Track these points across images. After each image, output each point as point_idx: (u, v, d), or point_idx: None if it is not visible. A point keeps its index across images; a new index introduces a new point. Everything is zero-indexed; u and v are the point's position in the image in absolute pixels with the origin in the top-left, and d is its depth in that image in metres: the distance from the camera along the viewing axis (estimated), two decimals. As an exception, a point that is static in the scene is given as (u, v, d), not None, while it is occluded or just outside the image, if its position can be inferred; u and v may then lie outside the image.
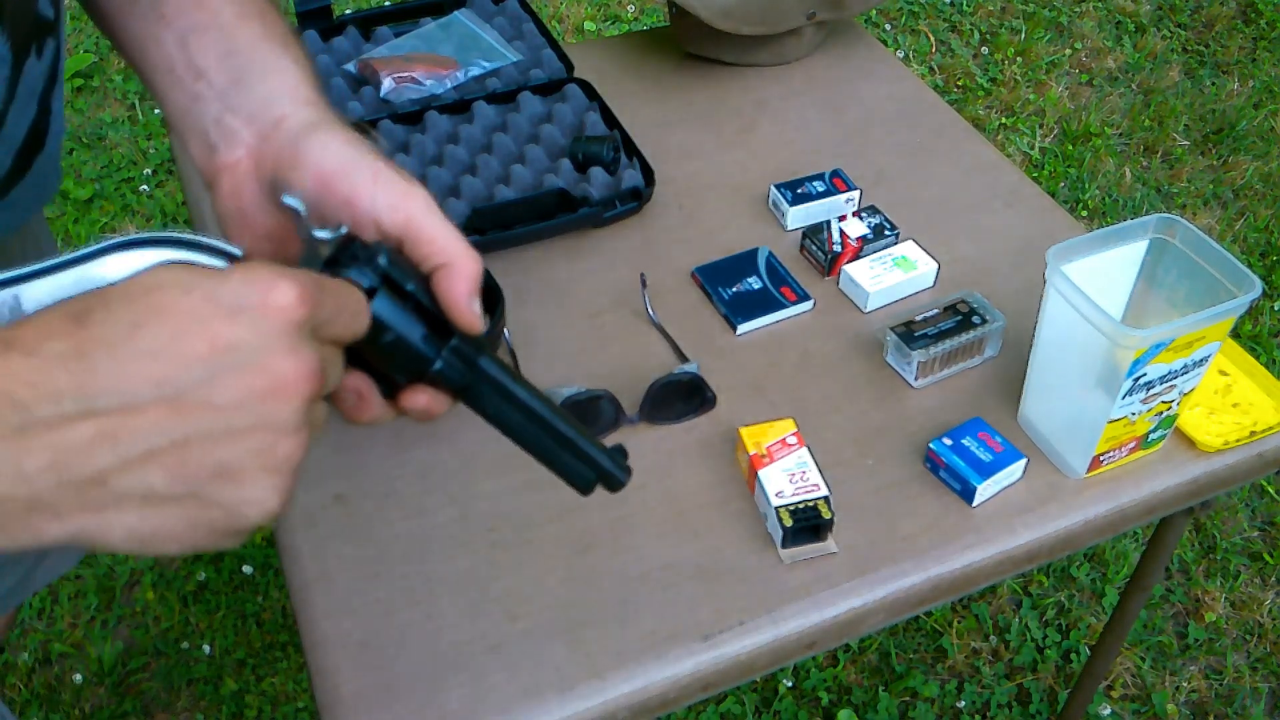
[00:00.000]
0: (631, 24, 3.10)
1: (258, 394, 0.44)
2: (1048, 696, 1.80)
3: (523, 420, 0.57)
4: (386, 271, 0.51)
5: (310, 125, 0.59)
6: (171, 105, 0.63)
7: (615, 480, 0.60)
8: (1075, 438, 0.97)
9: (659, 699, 0.86)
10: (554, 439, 0.58)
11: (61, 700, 1.75)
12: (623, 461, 0.61)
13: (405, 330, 0.52)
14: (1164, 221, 0.97)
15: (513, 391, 0.56)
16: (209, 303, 0.43)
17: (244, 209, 0.61)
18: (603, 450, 0.60)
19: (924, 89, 1.45)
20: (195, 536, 0.45)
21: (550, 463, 0.59)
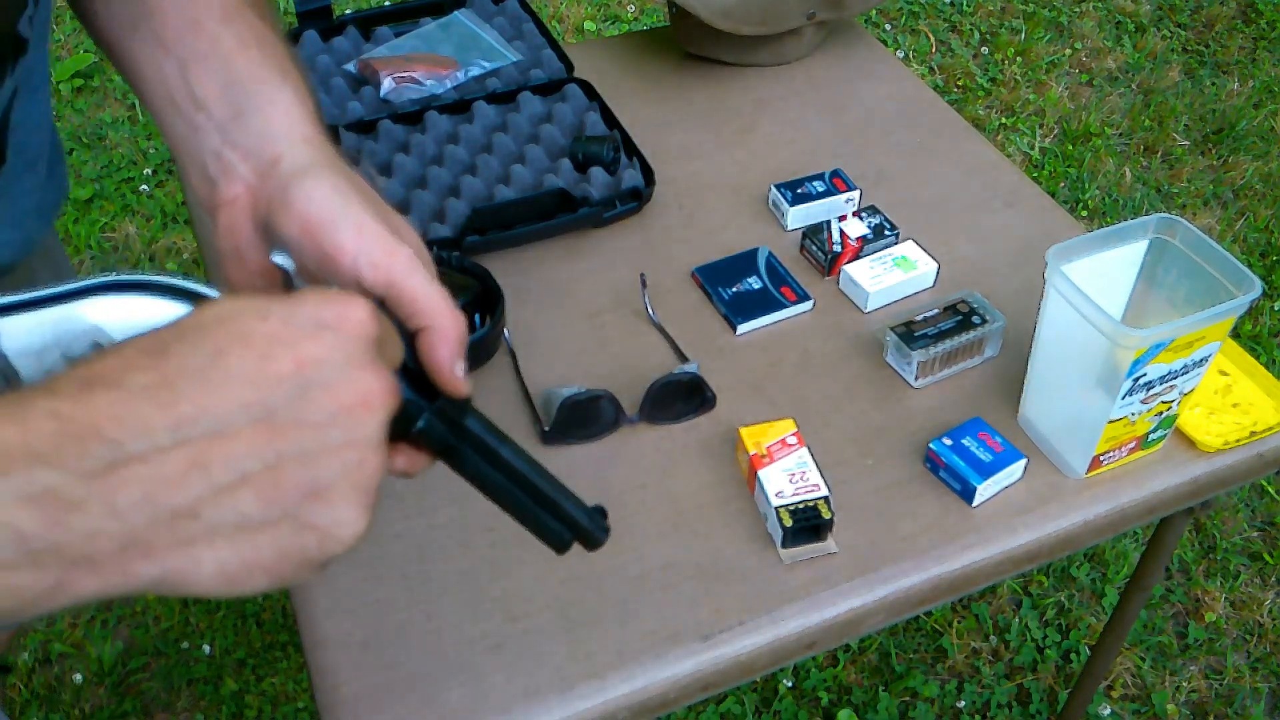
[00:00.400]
0: (631, 24, 3.10)
1: (346, 408, 0.44)
2: (1048, 696, 1.80)
3: (504, 481, 0.56)
4: None
5: (302, 169, 0.58)
6: (172, 133, 0.63)
7: (593, 540, 0.60)
8: (1075, 438, 0.97)
9: (659, 699, 0.86)
10: (534, 499, 0.57)
11: (61, 700, 1.75)
12: (602, 521, 0.60)
13: None
14: (1164, 221, 0.97)
15: (496, 452, 0.55)
16: (288, 325, 0.44)
17: (239, 247, 0.60)
18: (583, 509, 0.59)
19: (924, 89, 1.45)
20: (284, 567, 0.44)
21: (527, 522, 0.58)
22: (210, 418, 0.42)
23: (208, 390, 0.42)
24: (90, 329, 0.50)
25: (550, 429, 0.99)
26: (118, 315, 0.50)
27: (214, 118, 0.61)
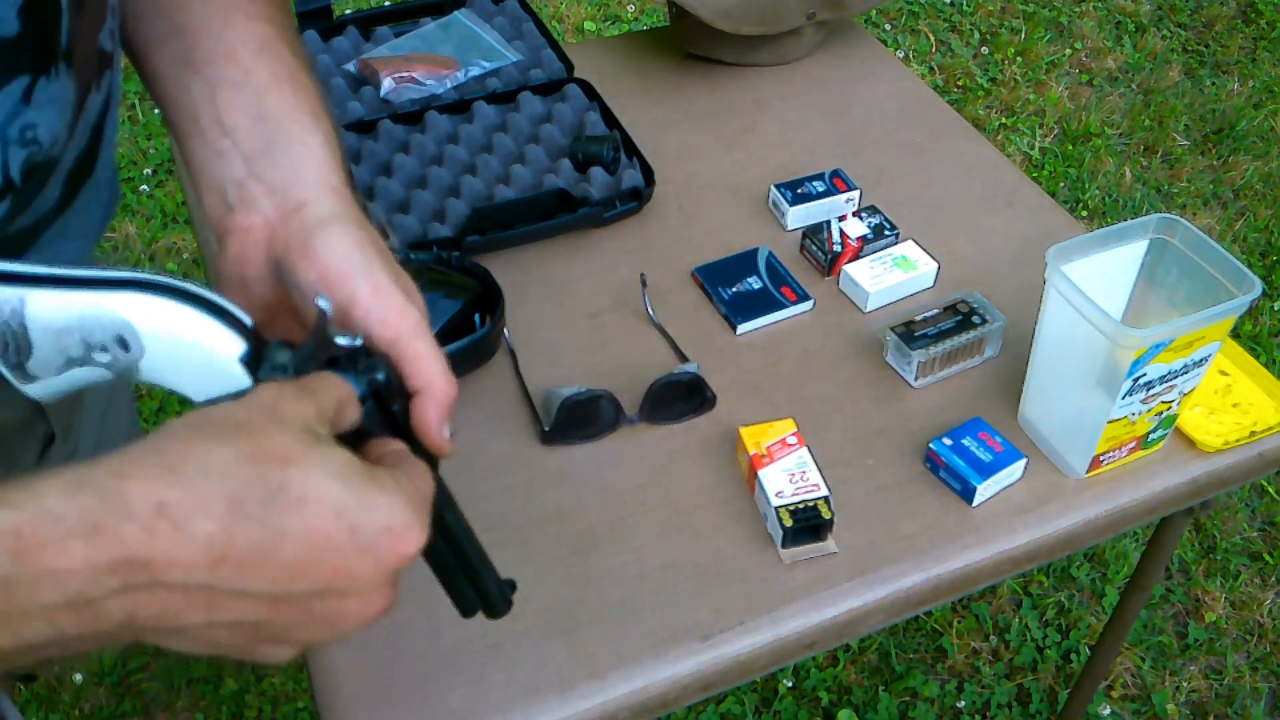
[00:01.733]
0: (631, 24, 3.10)
1: (346, 615, 0.49)
2: (1048, 696, 1.80)
3: (441, 543, 0.60)
4: (380, 389, 0.54)
5: (327, 219, 0.59)
6: (191, 153, 0.63)
7: (497, 611, 0.64)
8: (1075, 438, 0.97)
9: (659, 699, 0.86)
10: (460, 565, 0.61)
11: (61, 700, 1.75)
12: (509, 595, 0.64)
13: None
14: (1164, 221, 0.97)
15: (442, 515, 0.59)
16: (351, 535, 0.46)
17: (245, 276, 0.61)
18: (496, 582, 0.63)
19: (924, 89, 1.45)
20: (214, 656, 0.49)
21: (446, 582, 0.62)
22: (244, 584, 0.45)
23: (254, 564, 0.45)
24: (119, 323, 0.50)
25: (550, 429, 0.99)
26: (150, 318, 0.51)
27: (240, 147, 0.61)
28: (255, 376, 0.52)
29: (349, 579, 0.47)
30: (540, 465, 0.99)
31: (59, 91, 0.62)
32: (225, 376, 0.52)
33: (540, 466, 0.99)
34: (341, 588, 0.47)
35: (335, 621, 0.49)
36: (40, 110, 0.60)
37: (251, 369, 0.52)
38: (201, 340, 0.51)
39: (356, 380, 0.53)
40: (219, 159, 0.62)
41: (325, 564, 0.46)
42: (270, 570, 0.45)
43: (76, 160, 0.72)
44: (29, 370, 0.51)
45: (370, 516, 0.47)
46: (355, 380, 0.53)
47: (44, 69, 0.60)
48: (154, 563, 0.43)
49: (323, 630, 0.49)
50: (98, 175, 0.76)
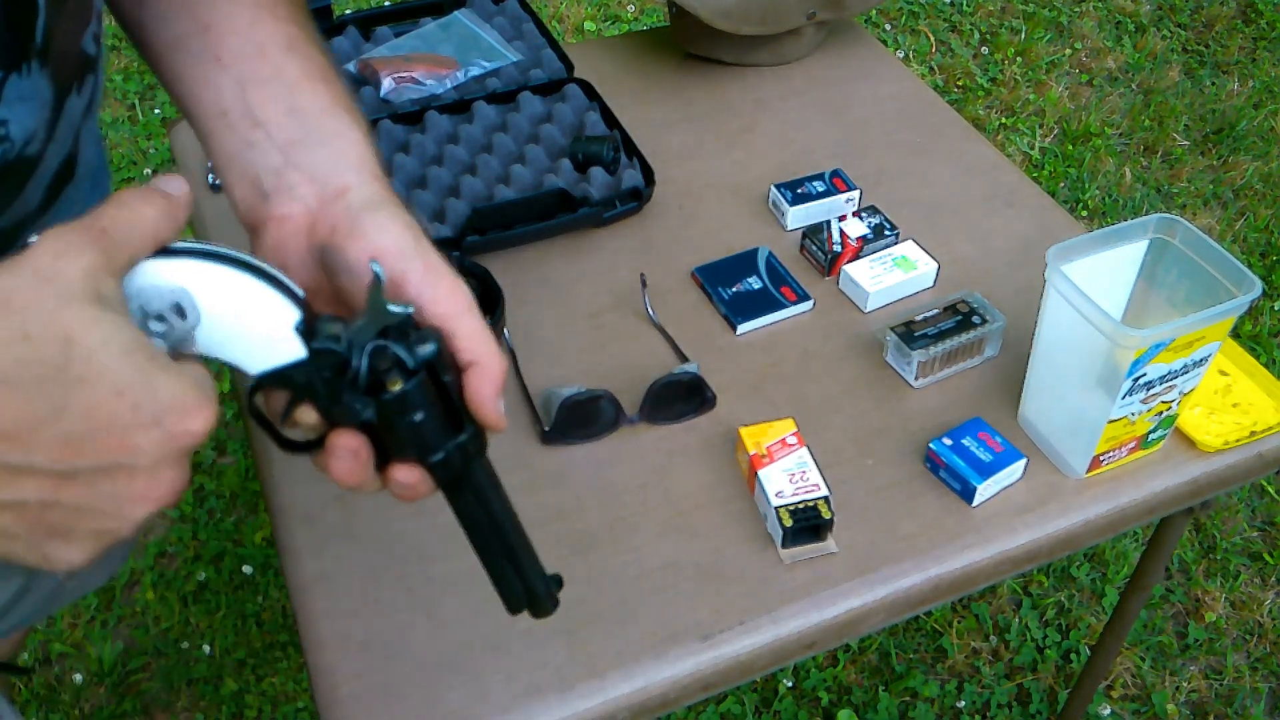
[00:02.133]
0: (631, 24, 3.10)
1: (134, 495, 0.47)
2: (1048, 696, 1.80)
3: (486, 529, 0.60)
4: (431, 360, 0.53)
5: (374, 202, 0.60)
6: (220, 146, 0.63)
7: (542, 608, 0.63)
8: (1075, 438, 0.97)
9: (659, 699, 0.86)
10: (506, 555, 0.61)
11: (61, 700, 1.75)
12: (555, 592, 0.63)
13: (428, 417, 0.54)
14: (1164, 221, 0.97)
15: (488, 501, 0.59)
16: (134, 410, 0.45)
17: (285, 264, 0.61)
18: (542, 576, 0.62)
19: (924, 89, 1.45)
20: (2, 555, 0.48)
21: (493, 573, 0.62)
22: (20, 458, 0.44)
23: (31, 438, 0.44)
24: (177, 291, 0.50)
25: (550, 429, 0.99)
26: (209, 286, 0.51)
27: (274, 138, 0.61)
28: (309, 346, 0.52)
29: (134, 453, 0.46)
30: (540, 465, 0.99)
31: (31, 89, 0.62)
32: (280, 346, 0.52)
33: (540, 466, 0.99)
34: (127, 462, 0.46)
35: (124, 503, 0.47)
36: (11, 107, 0.60)
37: (305, 338, 0.52)
38: (258, 309, 0.52)
39: (409, 352, 0.53)
40: (251, 149, 0.62)
41: (108, 438, 0.45)
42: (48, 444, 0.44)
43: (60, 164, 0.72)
44: None
45: (154, 395, 0.46)
46: (408, 353, 0.53)
47: (15, 65, 0.60)
48: None
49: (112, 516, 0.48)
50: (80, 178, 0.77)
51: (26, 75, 0.61)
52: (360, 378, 0.52)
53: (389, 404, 0.53)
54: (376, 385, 0.53)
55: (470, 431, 0.56)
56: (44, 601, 1.05)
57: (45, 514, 0.46)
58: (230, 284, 0.51)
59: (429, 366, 0.53)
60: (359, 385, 0.53)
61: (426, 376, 0.53)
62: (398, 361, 0.53)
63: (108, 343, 0.45)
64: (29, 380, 0.43)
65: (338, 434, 0.54)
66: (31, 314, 0.44)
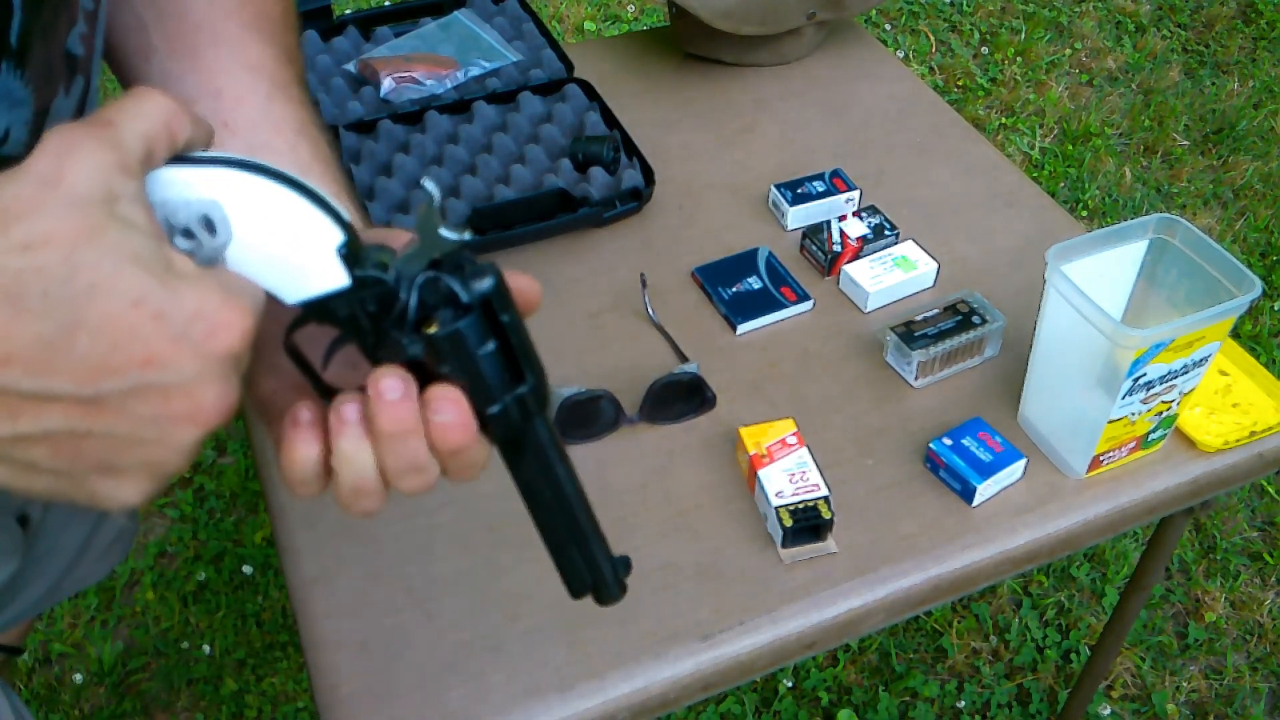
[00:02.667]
0: (631, 24, 3.10)
1: (174, 416, 0.43)
2: (1048, 696, 1.80)
3: (550, 499, 0.54)
4: (488, 295, 0.48)
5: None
6: None
7: (608, 594, 0.57)
8: (1075, 438, 0.97)
9: (659, 699, 0.86)
10: (570, 531, 0.55)
11: (61, 700, 1.75)
12: (623, 576, 0.57)
13: (484, 360, 0.48)
14: (1164, 221, 0.97)
15: (551, 466, 0.53)
16: (156, 321, 0.42)
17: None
18: (609, 557, 0.56)
19: (924, 89, 1.45)
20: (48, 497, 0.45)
21: (556, 551, 0.56)
22: (36, 384, 0.41)
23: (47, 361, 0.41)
24: (206, 202, 0.45)
25: (550, 429, 0.99)
26: (243, 197, 0.46)
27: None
28: (353, 274, 0.47)
29: (164, 369, 0.42)
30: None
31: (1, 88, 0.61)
32: (321, 271, 0.47)
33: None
34: (159, 381, 0.42)
35: (166, 427, 0.43)
36: None
37: (349, 264, 0.47)
38: (298, 227, 0.46)
39: (464, 286, 0.47)
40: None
41: (132, 354, 0.41)
42: (69, 366, 0.41)
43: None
44: None
45: (178, 304, 0.42)
46: (463, 286, 0.47)
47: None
48: None
49: (156, 444, 0.44)
50: None
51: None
52: (409, 313, 0.47)
53: (441, 342, 0.47)
54: (426, 322, 0.47)
55: (532, 382, 0.50)
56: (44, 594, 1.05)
57: (82, 445, 0.43)
58: (267, 198, 0.46)
59: (485, 303, 0.48)
60: (407, 321, 0.47)
61: (483, 314, 0.48)
62: (451, 296, 0.47)
63: (118, 249, 0.41)
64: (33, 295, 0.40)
65: (381, 371, 0.47)
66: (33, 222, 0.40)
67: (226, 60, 0.64)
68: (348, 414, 0.48)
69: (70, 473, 0.44)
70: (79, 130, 0.42)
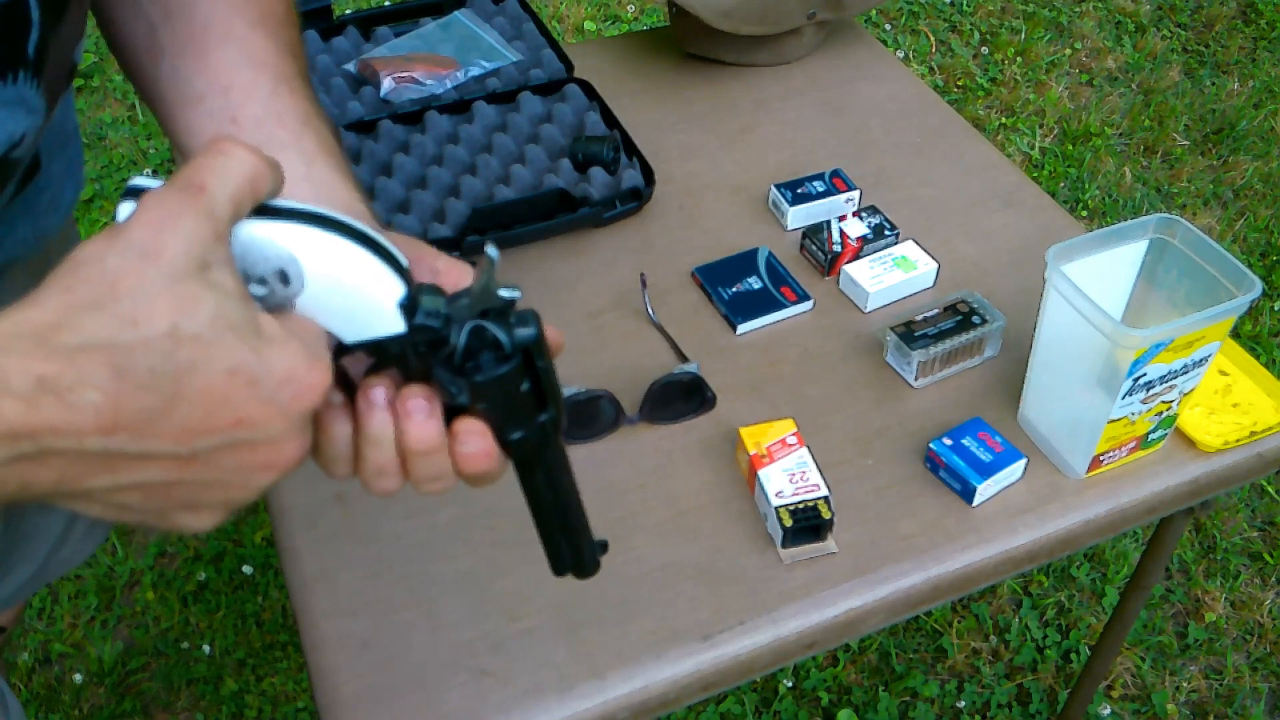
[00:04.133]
0: (631, 24, 3.10)
1: (260, 465, 0.47)
2: (1048, 696, 1.80)
3: (551, 506, 0.60)
4: (528, 345, 0.52)
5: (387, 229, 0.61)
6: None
7: (586, 572, 0.65)
8: (1075, 438, 0.97)
9: (659, 699, 0.86)
10: (563, 525, 0.62)
11: (61, 700, 1.75)
12: (598, 557, 0.65)
13: (514, 398, 0.54)
14: (1164, 221, 0.97)
15: (558, 479, 0.59)
16: (249, 387, 0.45)
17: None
18: (592, 545, 0.64)
19: (924, 89, 1.45)
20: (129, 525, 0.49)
21: (548, 540, 0.63)
22: (144, 446, 0.44)
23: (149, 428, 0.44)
24: (284, 257, 0.49)
25: (550, 429, 0.99)
26: (319, 254, 0.49)
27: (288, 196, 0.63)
28: (410, 323, 0.51)
29: (254, 429, 0.46)
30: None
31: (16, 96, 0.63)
32: (381, 319, 0.51)
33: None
34: (249, 438, 0.46)
35: (249, 474, 0.47)
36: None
37: (408, 315, 0.51)
38: (366, 281, 0.50)
39: (509, 334, 0.52)
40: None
41: (226, 417, 0.45)
42: (170, 431, 0.44)
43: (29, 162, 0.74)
44: None
45: (269, 370, 0.45)
46: (507, 334, 0.52)
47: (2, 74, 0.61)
48: (39, 433, 0.42)
49: (238, 487, 0.48)
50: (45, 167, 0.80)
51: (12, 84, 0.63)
52: (456, 355, 0.51)
53: (484, 386, 0.52)
54: (470, 363, 0.52)
55: (553, 413, 0.55)
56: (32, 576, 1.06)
57: (172, 491, 0.46)
58: (339, 254, 0.49)
59: (525, 351, 0.52)
60: (454, 362, 0.52)
61: (522, 362, 0.53)
62: (495, 343, 0.52)
63: (215, 321, 0.44)
64: (140, 370, 0.42)
65: (409, 391, 0.52)
66: (137, 297, 0.43)
67: (234, 57, 0.66)
68: (376, 397, 0.52)
69: (158, 510, 0.48)
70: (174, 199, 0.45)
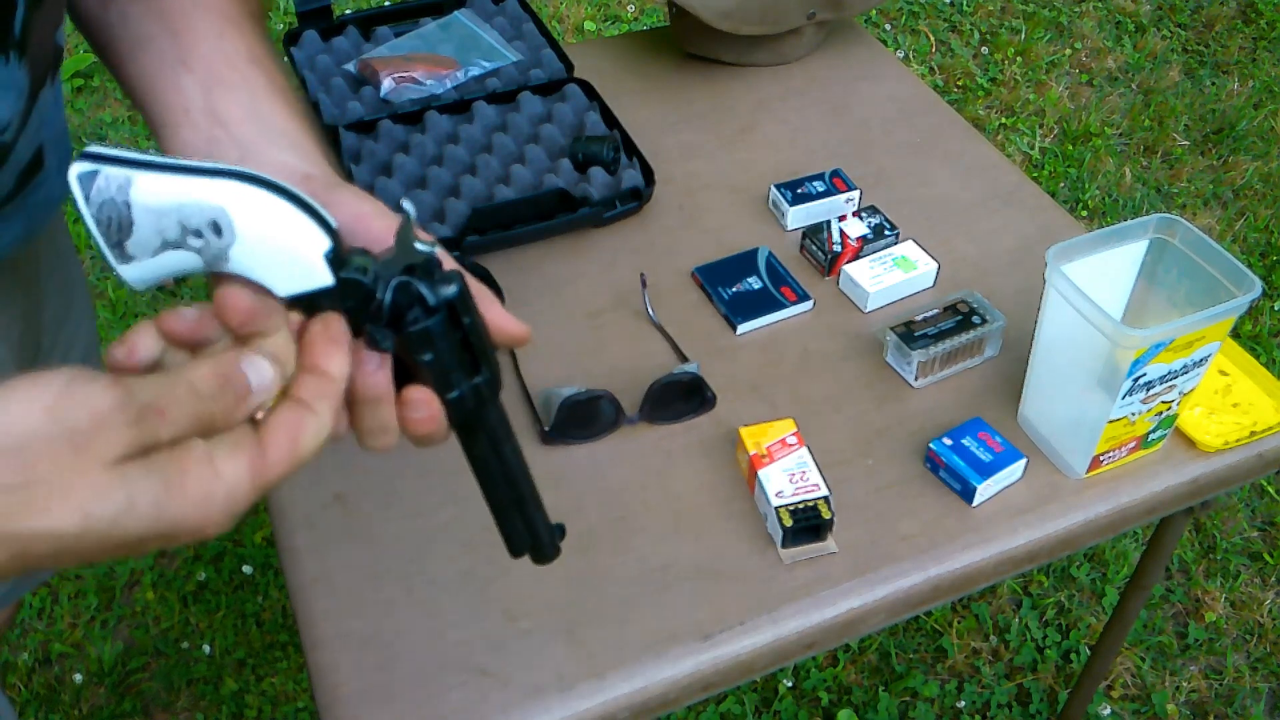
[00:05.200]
0: (631, 24, 3.10)
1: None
2: (1048, 696, 1.80)
3: (497, 474, 0.62)
4: (453, 300, 0.55)
5: (339, 184, 0.62)
6: (181, 143, 0.65)
7: (544, 555, 0.65)
8: (1075, 438, 0.97)
9: (659, 699, 0.86)
10: (514, 501, 0.63)
11: (61, 700, 1.75)
12: (557, 540, 0.66)
13: (447, 354, 0.56)
14: (1164, 221, 0.97)
15: (500, 445, 0.61)
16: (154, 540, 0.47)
17: None
18: (547, 524, 0.65)
19: (924, 89, 1.45)
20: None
21: (501, 517, 0.64)
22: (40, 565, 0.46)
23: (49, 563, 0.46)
24: (215, 209, 0.52)
25: (550, 429, 0.99)
26: (245, 206, 0.52)
27: (235, 136, 0.64)
28: (337, 276, 0.53)
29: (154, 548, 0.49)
30: (540, 465, 0.99)
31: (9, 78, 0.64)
32: (310, 272, 0.54)
33: (540, 466, 0.98)
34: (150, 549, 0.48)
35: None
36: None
37: (334, 267, 0.54)
38: (291, 232, 0.53)
39: (432, 290, 0.54)
40: (212, 145, 0.64)
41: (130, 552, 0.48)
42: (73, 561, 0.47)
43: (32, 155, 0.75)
44: (127, 250, 0.54)
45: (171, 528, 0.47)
46: (431, 290, 0.54)
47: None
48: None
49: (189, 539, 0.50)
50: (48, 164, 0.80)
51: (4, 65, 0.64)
52: (384, 310, 0.54)
53: (410, 337, 0.54)
54: (398, 319, 0.55)
55: (486, 375, 0.58)
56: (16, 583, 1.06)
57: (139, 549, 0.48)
58: (267, 207, 0.53)
59: (450, 306, 0.55)
60: (381, 317, 0.54)
61: (445, 316, 0.55)
62: (420, 298, 0.54)
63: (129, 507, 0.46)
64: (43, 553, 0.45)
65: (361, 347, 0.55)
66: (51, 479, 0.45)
67: (183, 1, 0.67)
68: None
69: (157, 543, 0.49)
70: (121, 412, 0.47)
